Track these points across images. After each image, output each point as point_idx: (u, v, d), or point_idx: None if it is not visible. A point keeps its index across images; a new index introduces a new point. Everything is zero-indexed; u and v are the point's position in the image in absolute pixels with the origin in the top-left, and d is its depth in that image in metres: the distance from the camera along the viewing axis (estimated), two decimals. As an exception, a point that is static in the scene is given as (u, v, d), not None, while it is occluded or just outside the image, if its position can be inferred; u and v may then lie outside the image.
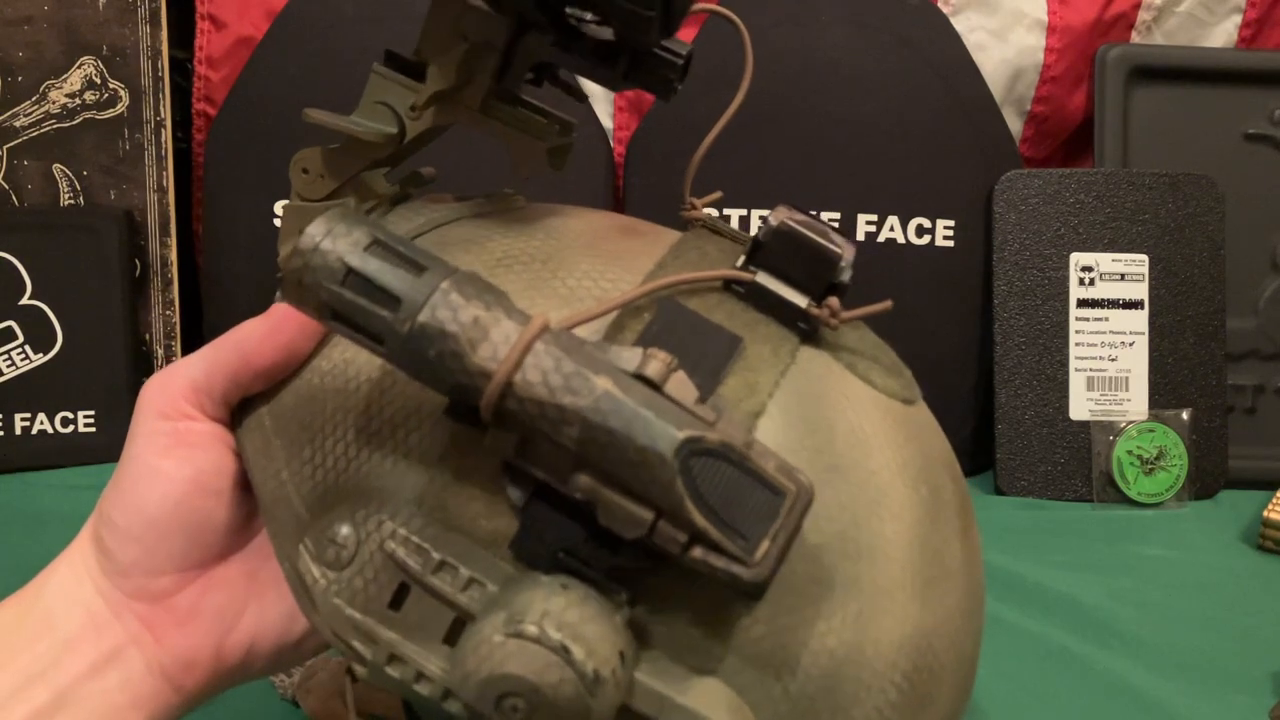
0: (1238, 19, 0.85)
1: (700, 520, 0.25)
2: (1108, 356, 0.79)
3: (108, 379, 0.80)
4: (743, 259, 0.32)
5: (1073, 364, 0.79)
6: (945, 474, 0.33)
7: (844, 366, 0.32)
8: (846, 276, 0.32)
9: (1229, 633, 0.60)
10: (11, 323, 0.79)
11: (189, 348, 0.83)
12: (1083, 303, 0.79)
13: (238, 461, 0.32)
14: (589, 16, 0.34)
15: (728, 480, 0.25)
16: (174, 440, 0.31)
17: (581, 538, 0.27)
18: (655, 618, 0.28)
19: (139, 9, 0.80)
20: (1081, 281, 0.79)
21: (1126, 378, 0.79)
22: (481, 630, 0.26)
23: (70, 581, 0.31)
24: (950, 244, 0.81)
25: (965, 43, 0.82)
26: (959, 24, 0.82)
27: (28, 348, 0.79)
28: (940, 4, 0.83)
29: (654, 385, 0.26)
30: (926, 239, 0.81)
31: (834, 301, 0.32)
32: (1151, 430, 0.77)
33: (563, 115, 0.38)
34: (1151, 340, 0.79)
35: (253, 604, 0.32)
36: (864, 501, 0.30)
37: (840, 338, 0.33)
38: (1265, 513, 0.70)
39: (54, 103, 0.80)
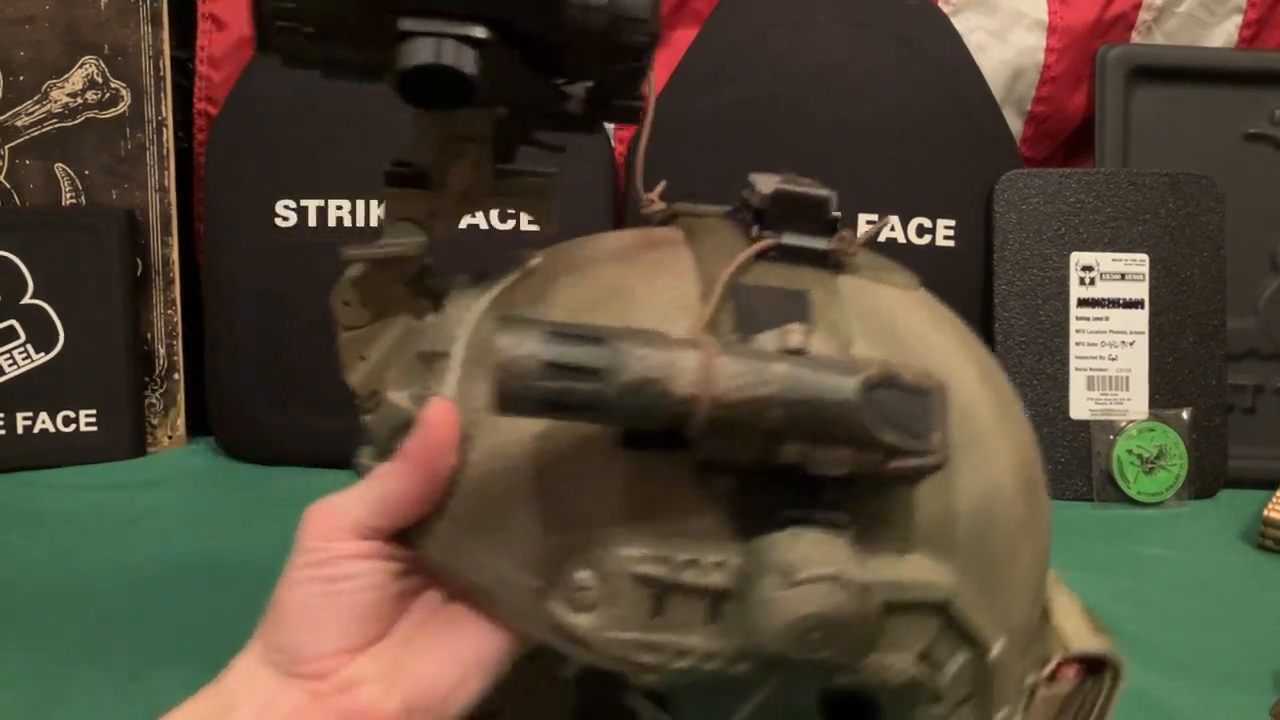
0: (1238, 19, 0.85)
1: (891, 438, 0.31)
2: (1108, 356, 0.79)
3: (109, 378, 0.80)
4: (755, 229, 0.37)
5: (1073, 363, 0.79)
6: (966, 330, 0.41)
7: (871, 280, 0.39)
8: (838, 212, 0.38)
9: (1229, 632, 0.60)
10: (13, 322, 0.79)
11: (190, 347, 0.83)
12: (1083, 302, 0.79)
13: (389, 566, 0.36)
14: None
15: (893, 399, 0.31)
16: (330, 555, 0.36)
17: (793, 493, 0.32)
18: (864, 529, 0.33)
19: (140, 9, 0.80)
20: (1082, 281, 0.79)
21: (1127, 377, 0.79)
22: (760, 593, 0.31)
23: (247, 670, 0.36)
24: (951, 244, 0.81)
25: (965, 43, 0.82)
26: (959, 24, 0.82)
27: (29, 347, 0.79)
28: (940, 4, 0.83)
29: (802, 352, 0.32)
30: (927, 239, 0.81)
31: (846, 234, 0.38)
32: (1152, 430, 0.77)
33: (545, 169, 0.41)
34: (1152, 340, 0.79)
35: (405, 669, 0.36)
36: (945, 374, 0.35)
37: (854, 260, 0.39)
38: (1265, 512, 0.70)
39: (56, 102, 0.80)
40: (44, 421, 0.79)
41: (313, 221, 0.79)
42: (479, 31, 0.32)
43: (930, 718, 0.35)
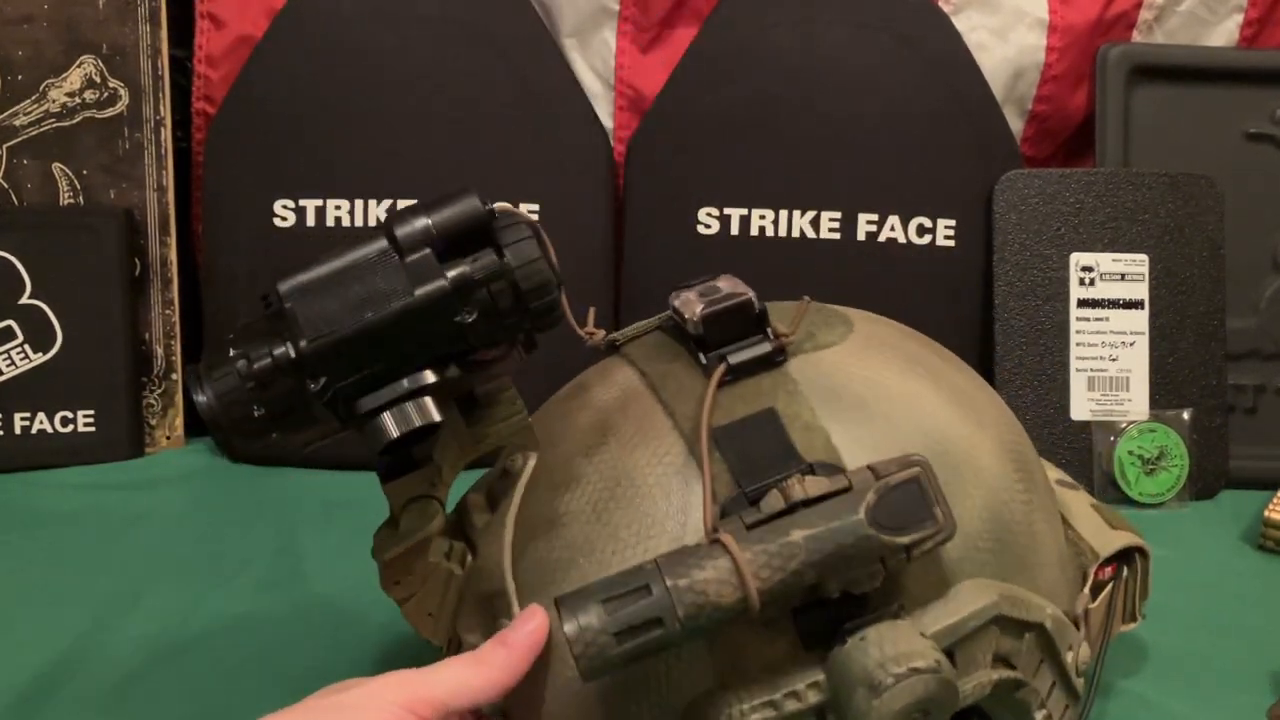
0: (1239, 18, 0.85)
1: (901, 540, 0.34)
2: (1108, 356, 0.79)
3: (107, 378, 0.80)
4: (702, 357, 0.40)
5: (1073, 364, 0.79)
6: (901, 337, 0.45)
7: (812, 351, 0.42)
8: (757, 303, 0.41)
9: (1229, 633, 0.60)
10: (11, 322, 0.79)
11: (188, 347, 0.83)
12: (1083, 303, 0.79)
13: None
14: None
15: (893, 503, 0.34)
16: None
17: (844, 607, 0.35)
18: (907, 599, 0.37)
19: (139, 8, 0.80)
20: (1082, 281, 0.79)
21: (1127, 378, 0.79)
22: (857, 707, 0.34)
23: None
24: (951, 244, 0.81)
25: (966, 42, 0.81)
26: (960, 23, 0.82)
27: (27, 347, 0.79)
28: (941, 3, 0.82)
29: (811, 501, 0.34)
30: (927, 239, 0.81)
31: (778, 325, 0.41)
32: (1152, 430, 0.77)
33: (502, 395, 0.42)
34: (1152, 340, 0.79)
35: None
36: (911, 410, 0.40)
37: (793, 341, 0.41)
38: (1266, 513, 0.70)
39: (54, 101, 0.80)
40: (42, 422, 0.79)
41: (311, 221, 0.79)
42: (428, 378, 0.35)
43: (1020, 698, 0.39)
